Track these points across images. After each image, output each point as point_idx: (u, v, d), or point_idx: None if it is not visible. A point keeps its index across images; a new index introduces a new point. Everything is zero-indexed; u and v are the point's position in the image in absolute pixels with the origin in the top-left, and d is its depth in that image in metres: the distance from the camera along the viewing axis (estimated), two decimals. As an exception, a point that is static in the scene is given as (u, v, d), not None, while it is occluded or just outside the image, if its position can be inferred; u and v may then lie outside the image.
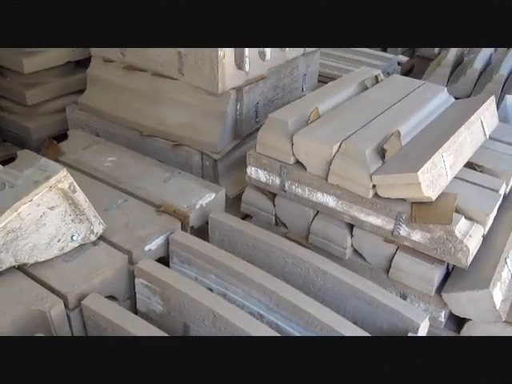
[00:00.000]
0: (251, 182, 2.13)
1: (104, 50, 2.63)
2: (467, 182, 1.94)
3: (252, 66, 2.38)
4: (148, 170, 2.25)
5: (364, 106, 2.17)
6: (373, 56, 3.95)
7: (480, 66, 3.14)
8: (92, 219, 1.76)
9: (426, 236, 1.77)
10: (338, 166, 1.85)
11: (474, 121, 2.11)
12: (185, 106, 2.45)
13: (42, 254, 1.68)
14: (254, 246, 1.90)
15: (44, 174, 1.62)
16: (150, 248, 1.86)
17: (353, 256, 2.00)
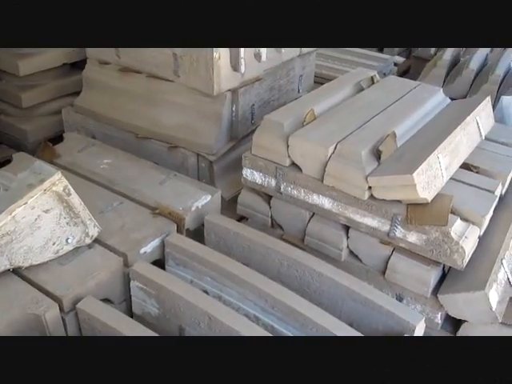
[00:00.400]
0: (247, 184, 2.12)
1: (99, 52, 2.63)
2: (463, 183, 1.94)
3: (248, 68, 2.38)
4: (144, 172, 2.24)
5: (360, 107, 2.17)
6: (369, 57, 3.96)
7: (476, 67, 3.14)
8: (87, 222, 1.75)
9: (422, 237, 1.76)
10: (334, 168, 1.85)
11: (470, 122, 2.11)
12: (180, 108, 2.44)
13: (37, 257, 1.67)
14: (250, 248, 1.89)
15: (38, 176, 1.62)
16: (146, 250, 1.86)
17: (349, 258, 1.99)
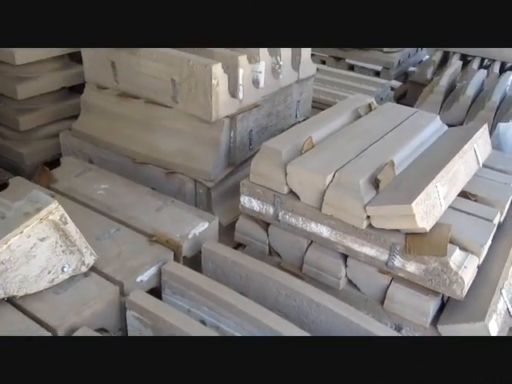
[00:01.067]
0: (244, 211, 2.11)
1: (98, 77, 2.64)
2: (461, 211, 1.94)
3: (246, 94, 2.39)
4: (141, 198, 2.24)
5: (357, 134, 2.17)
6: (366, 81, 4.00)
7: (472, 93, 3.15)
8: (83, 250, 1.73)
9: (421, 267, 1.75)
10: (332, 197, 1.84)
11: (468, 150, 2.11)
12: (178, 134, 2.44)
13: (32, 286, 1.65)
14: (248, 276, 1.88)
15: (35, 205, 1.61)
16: (142, 279, 1.84)
17: (347, 286, 1.98)
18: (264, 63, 2.46)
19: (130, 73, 2.48)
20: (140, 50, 2.38)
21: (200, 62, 2.24)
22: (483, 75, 3.56)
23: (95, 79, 2.66)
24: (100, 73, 2.60)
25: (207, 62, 2.24)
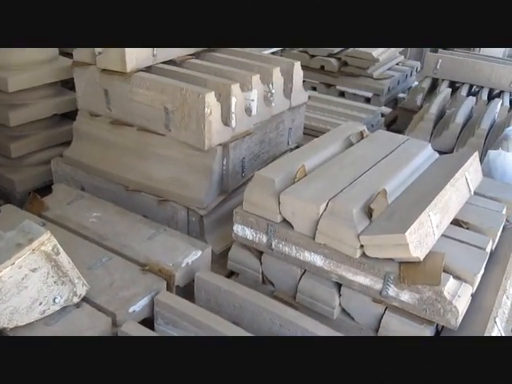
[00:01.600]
0: (238, 240, 2.11)
1: (90, 104, 2.64)
2: (454, 239, 1.95)
3: (238, 122, 2.40)
4: (133, 226, 2.22)
5: (350, 162, 2.18)
6: (357, 108, 4.04)
7: (462, 120, 3.20)
8: (75, 281, 1.71)
9: (415, 296, 1.75)
10: (326, 226, 1.84)
11: (459, 178, 2.13)
12: (171, 162, 2.45)
13: (23, 317, 1.63)
14: (241, 306, 1.86)
15: (27, 236, 1.59)
16: (135, 309, 1.82)
17: (341, 315, 1.97)
18: (256, 91, 2.48)
19: (122, 100, 2.49)
20: (132, 78, 2.39)
21: (193, 90, 2.25)
22: (472, 102, 3.61)
23: (88, 107, 2.66)
24: (93, 100, 2.61)
25: (200, 90, 2.25)
